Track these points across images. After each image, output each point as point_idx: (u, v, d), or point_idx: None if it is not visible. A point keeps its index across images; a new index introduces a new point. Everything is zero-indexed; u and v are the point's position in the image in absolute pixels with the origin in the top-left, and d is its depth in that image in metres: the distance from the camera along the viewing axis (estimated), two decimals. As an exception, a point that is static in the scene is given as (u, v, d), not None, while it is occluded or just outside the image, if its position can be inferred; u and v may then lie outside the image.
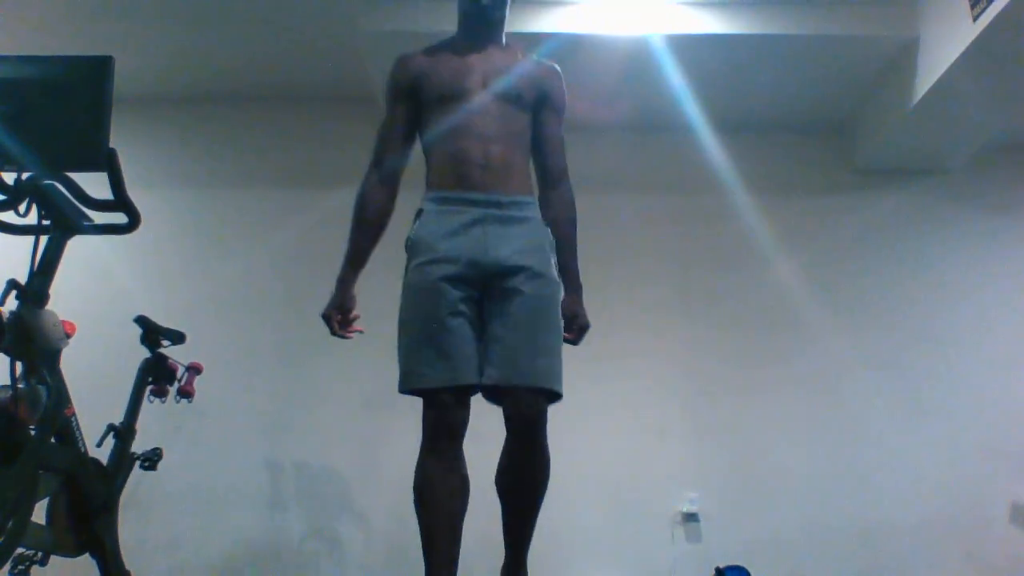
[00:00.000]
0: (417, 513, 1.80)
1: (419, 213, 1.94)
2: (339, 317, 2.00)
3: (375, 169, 2.04)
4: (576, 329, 1.96)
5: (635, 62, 3.42)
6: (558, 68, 2.06)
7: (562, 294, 1.91)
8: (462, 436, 1.80)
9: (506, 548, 1.90)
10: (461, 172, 1.86)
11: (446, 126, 1.91)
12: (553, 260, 1.90)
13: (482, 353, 1.78)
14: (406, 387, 1.81)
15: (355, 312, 2.04)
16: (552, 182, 2.01)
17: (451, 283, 1.78)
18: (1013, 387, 3.65)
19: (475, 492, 1.84)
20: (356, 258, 2.01)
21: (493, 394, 1.79)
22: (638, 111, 3.83)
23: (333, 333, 2.01)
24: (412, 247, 1.90)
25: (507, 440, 1.81)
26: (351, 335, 2.02)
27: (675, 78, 3.48)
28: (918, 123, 3.49)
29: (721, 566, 3.17)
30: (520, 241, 1.83)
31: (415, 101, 1.98)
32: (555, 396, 1.79)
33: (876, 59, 3.48)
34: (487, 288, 1.81)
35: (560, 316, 1.86)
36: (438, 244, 1.82)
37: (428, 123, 1.97)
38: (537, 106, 1.98)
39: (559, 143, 2.03)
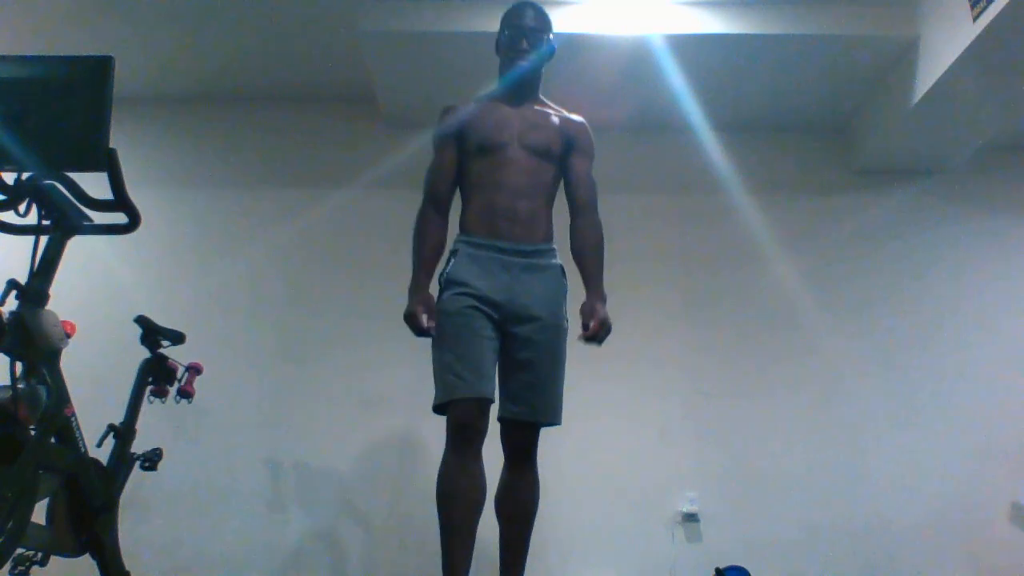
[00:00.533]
0: (439, 507, 1.97)
1: (454, 252, 2.17)
2: (424, 311, 2.04)
3: (429, 204, 2.24)
4: (599, 323, 2.08)
5: (635, 62, 3.41)
6: (585, 121, 2.32)
7: (567, 333, 2.16)
8: (482, 442, 2.01)
9: (503, 567, 2.09)
10: (492, 222, 2.14)
11: (482, 178, 2.18)
12: (565, 305, 2.18)
13: (498, 381, 2.09)
14: (444, 398, 2.00)
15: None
16: (581, 211, 2.27)
17: (481, 312, 2.05)
18: (1013, 387, 3.65)
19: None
20: (424, 272, 2.16)
21: (505, 422, 2.11)
22: (638, 111, 3.83)
23: (420, 331, 2.05)
24: (447, 282, 2.14)
25: (505, 466, 2.13)
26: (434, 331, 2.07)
27: (675, 78, 3.48)
28: (918, 123, 3.49)
29: (721, 566, 3.17)
30: (539, 290, 2.12)
31: (459, 146, 2.23)
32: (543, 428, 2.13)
33: (876, 59, 3.47)
34: (509, 325, 2.09)
35: (564, 355, 2.15)
36: (471, 282, 2.08)
37: (467, 170, 2.23)
38: (565, 154, 2.25)
39: (589, 182, 2.29)
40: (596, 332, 2.06)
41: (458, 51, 3.32)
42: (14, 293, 1.82)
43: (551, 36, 2.30)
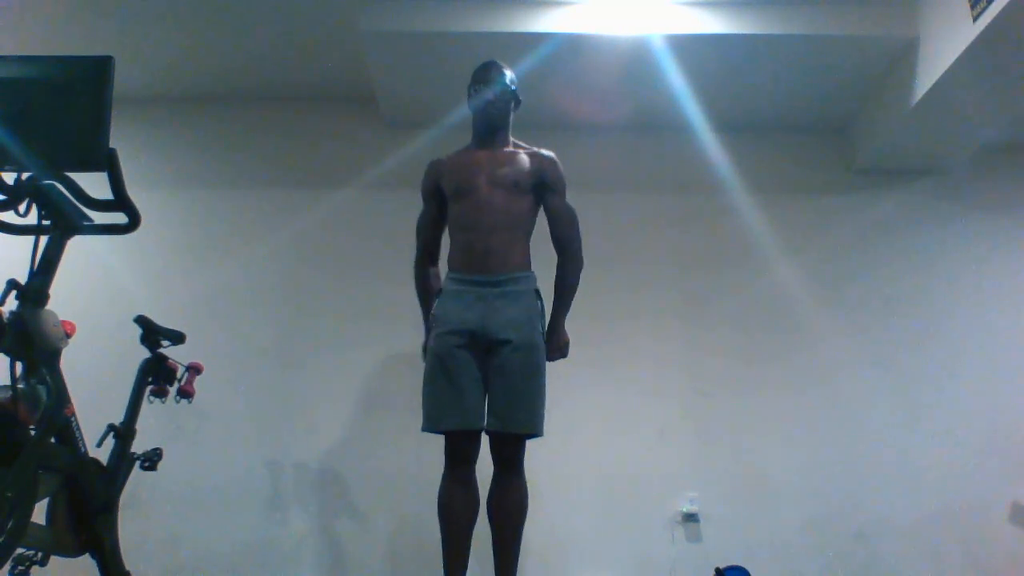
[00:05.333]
0: (439, 520, 2.30)
1: (439, 292, 2.45)
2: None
3: (423, 253, 2.61)
4: (555, 350, 2.44)
5: (635, 62, 3.42)
6: (554, 155, 2.52)
7: (542, 350, 2.38)
8: (474, 462, 2.33)
9: (496, 567, 2.28)
10: (469, 259, 2.38)
11: (460, 219, 2.44)
12: (540, 324, 2.39)
13: (484, 403, 2.32)
14: (431, 428, 2.31)
15: None
16: (560, 250, 2.51)
17: (462, 349, 2.30)
18: (1013, 387, 3.65)
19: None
20: (429, 314, 2.52)
21: (491, 435, 2.33)
22: (638, 111, 3.83)
23: None
24: (435, 319, 2.41)
25: (494, 474, 2.35)
26: None
27: (675, 78, 3.48)
28: (918, 123, 3.49)
29: (721, 566, 3.17)
30: (512, 315, 2.32)
31: (440, 195, 2.52)
32: (529, 439, 2.33)
33: (876, 59, 3.48)
34: (487, 350, 2.32)
35: (541, 370, 2.35)
36: (452, 319, 2.34)
37: (450, 213, 2.49)
38: (538, 190, 2.47)
39: (564, 217, 2.50)
40: (553, 356, 2.43)
41: (458, 51, 3.32)
42: (14, 293, 1.81)
43: (514, 87, 2.55)
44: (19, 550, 1.84)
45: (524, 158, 2.48)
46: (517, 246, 2.42)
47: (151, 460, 2.48)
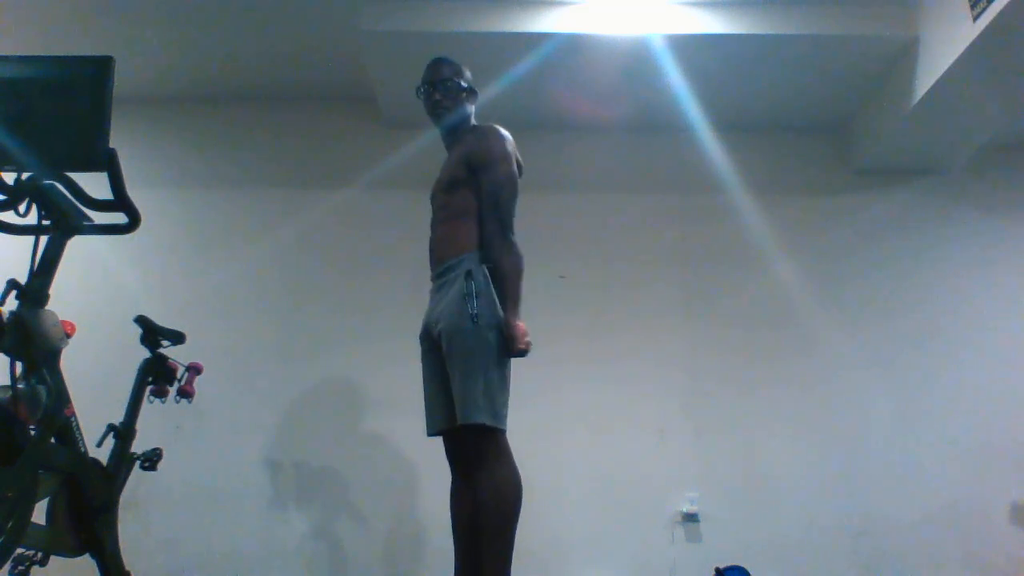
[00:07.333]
0: None
1: None
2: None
3: None
4: (508, 346, 2.12)
5: (635, 62, 3.41)
6: (485, 127, 2.32)
7: (473, 329, 2.08)
8: (463, 463, 2.22)
9: None
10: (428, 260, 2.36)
11: None
12: (468, 304, 2.09)
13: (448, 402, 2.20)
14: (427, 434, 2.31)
15: None
16: (488, 241, 2.20)
17: (427, 353, 2.29)
18: (1013, 387, 3.65)
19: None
20: None
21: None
22: (638, 111, 3.83)
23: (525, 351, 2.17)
24: None
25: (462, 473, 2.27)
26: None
27: (675, 78, 3.48)
28: (918, 123, 3.49)
29: (721, 566, 3.17)
30: (443, 304, 2.19)
31: None
32: (486, 430, 2.05)
33: (876, 59, 3.48)
34: (438, 346, 2.21)
35: (471, 353, 2.09)
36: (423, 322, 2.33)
37: None
38: (472, 173, 2.25)
39: (490, 199, 2.22)
40: (509, 354, 2.13)
41: (458, 51, 3.29)
42: (14, 293, 1.81)
43: (460, 80, 2.40)
44: (19, 550, 1.84)
45: (459, 149, 2.31)
46: (449, 236, 2.24)
47: (151, 460, 2.48)
